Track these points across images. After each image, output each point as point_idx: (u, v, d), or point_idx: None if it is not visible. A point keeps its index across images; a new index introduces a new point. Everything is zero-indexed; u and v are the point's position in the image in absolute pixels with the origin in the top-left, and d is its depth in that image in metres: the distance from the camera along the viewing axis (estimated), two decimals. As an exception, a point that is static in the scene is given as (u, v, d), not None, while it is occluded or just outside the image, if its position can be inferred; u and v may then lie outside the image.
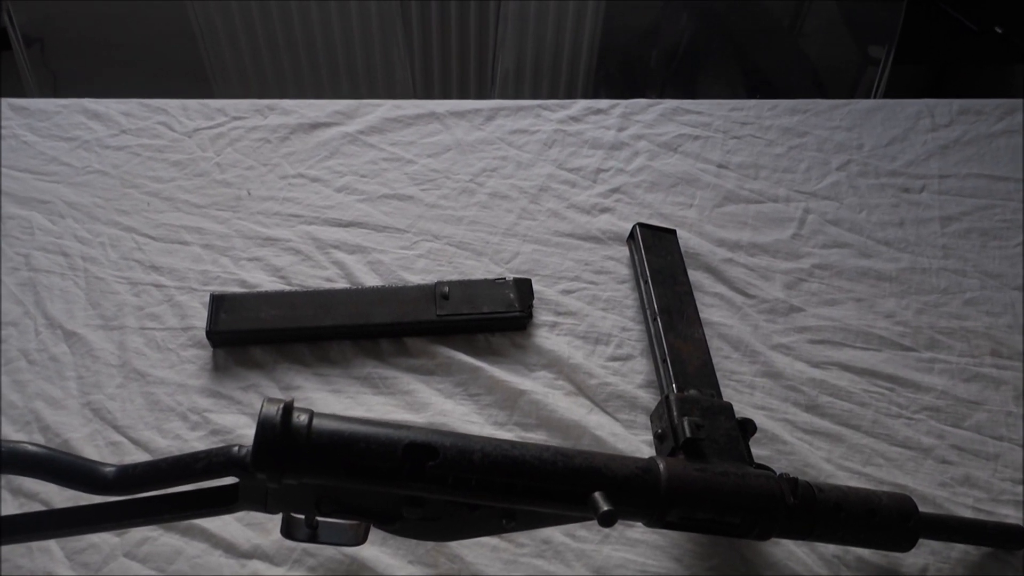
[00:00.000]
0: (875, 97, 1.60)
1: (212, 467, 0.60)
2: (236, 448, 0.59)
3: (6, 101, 1.14)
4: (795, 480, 0.65)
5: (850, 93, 1.83)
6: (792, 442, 0.80)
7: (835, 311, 0.93)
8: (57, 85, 1.94)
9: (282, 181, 1.05)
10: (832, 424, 0.82)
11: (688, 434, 0.69)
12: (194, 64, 1.93)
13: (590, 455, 0.61)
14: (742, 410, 0.79)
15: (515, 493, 0.59)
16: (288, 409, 0.56)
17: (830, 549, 0.72)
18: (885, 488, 0.75)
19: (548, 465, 0.59)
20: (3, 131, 1.10)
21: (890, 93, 1.60)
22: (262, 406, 0.56)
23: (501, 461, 0.58)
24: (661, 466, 0.63)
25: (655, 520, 0.62)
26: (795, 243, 1.01)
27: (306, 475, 0.56)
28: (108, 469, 0.62)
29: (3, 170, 1.04)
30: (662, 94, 1.89)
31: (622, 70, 2.04)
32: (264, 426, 0.55)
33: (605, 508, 0.56)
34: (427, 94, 2.06)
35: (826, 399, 0.84)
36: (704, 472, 0.64)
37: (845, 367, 0.87)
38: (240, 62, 1.91)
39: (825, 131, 1.16)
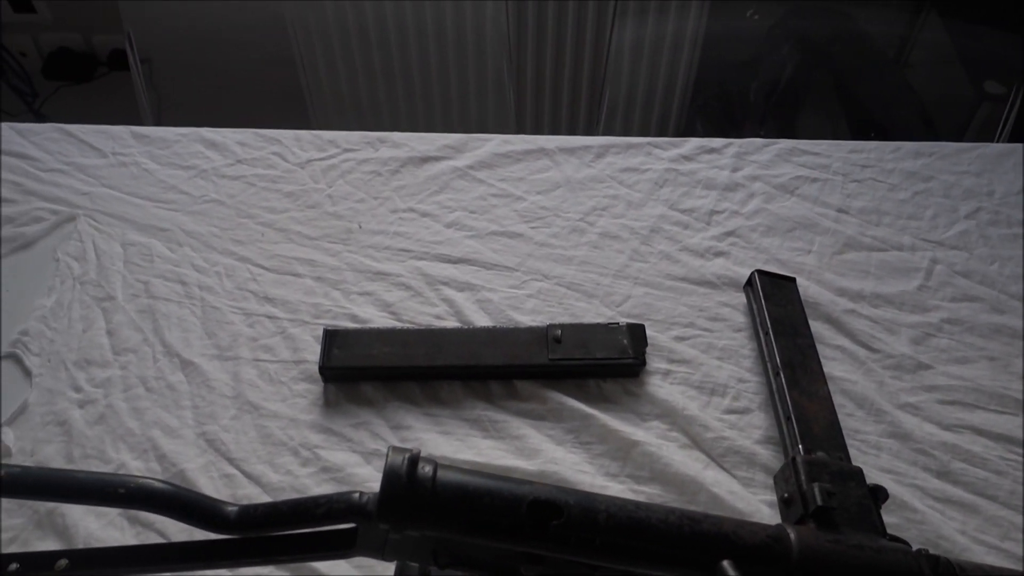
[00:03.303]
0: (1000, 138, 1.53)
1: (333, 513, 0.59)
2: (357, 495, 0.58)
3: (129, 129, 1.17)
4: (936, 558, 0.60)
5: (961, 131, 1.76)
6: (923, 510, 0.76)
7: (967, 370, 0.88)
8: (161, 107, 2.01)
9: (392, 215, 1.05)
10: (966, 493, 0.78)
11: (820, 502, 0.66)
12: (293, 91, 1.97)
13: (718, 520, 0.58)
14: (868, 473, 0.74)
15: (640, 557, 0.56)
16: (414, 460, 0.55)
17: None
18: (1030, 568, 0.71)
19: (675, 529, 0.57)
20: (125, 158, 1.13)
21: (1017, 135, 1.53)
22: (388, 455, 0.55)
23: (626, 523, 0.56)
24: (792, 535, 0.59)
25: None
26: (922, 295, 0.96)
27: (429, 527, 0.55)
28: (231, 509, 0.62)
29: (126, 197, 1.07)
30: (761, 127, 1.85)
31: (720, 103, 2.00)
32: (390, 477, 0.54)
33: None
34: (525, 125, 2.06)
35: (959, 465, 0.80)
36: (837, 544, 0.60)
37: (979, 431, 0.83)
38: (337, 90, 1.95)
39: (952, 176, 1.10)
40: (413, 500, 0.53)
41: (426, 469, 0.55)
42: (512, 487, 0.56)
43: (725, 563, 0.55)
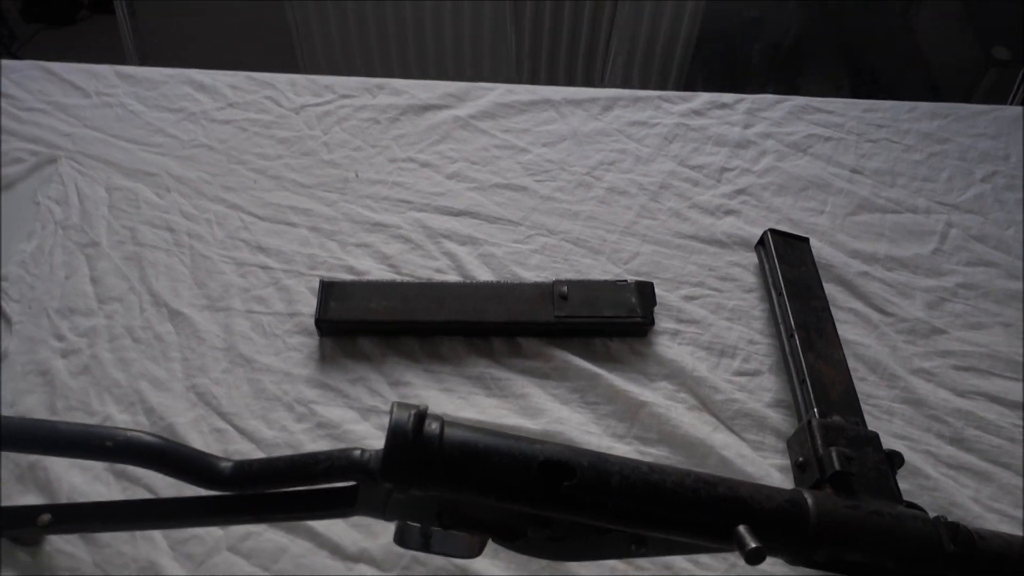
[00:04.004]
0: (1013, 102, 1.50)
1: (333, 471, 0.57)
2: (359, 452, 0.56)
3: (114, 68, 1.12)
4: (955, 526, 0.59)
5: (967, 97, 1.73)
6: (936, 477, 0.74)
7: (981, 336, 0.87)
8: (146, 48, 1.94)
9: (391, 164, 1.01)
10: (980, 460, 0.76)
11: (837, 466, 0.64)
12: (282, 38, 1.91)
13: (734, 484, 0.57)
14: (880, 438, 0.72)
15: (653, 521, 0.55)
16: (421, 416, 0.52)
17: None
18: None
19: (690, 493, 0.55)
20: (110, 99, 1.08)
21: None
22: (392, 410, 0.53)
23: (640, 486, 0.54)
24: (809, 500, 0.58)
25: (801, 558, 0.57)
26: (937, 259, 0.94)
27: (435, 487, 0.52)
28: (224, 464, 0.59)
29: (110, 139, 1.03)
30: (764, 89, 1.81)
31: (722, 61, 1.96)
32: (396, 433, 0.51)
33: (753, 545, 0.52)
34: (524, 73, 2.00)
35: (973, 432, 0.78)
36: (856, 510, 0.59)
37: (993, 398, 0.81)
38: (327, 36, 1.88)
39: (968, 139, 1.08)
40: (419, 458, 0.51)
41: (433, 426, 0.52)
42: (523, 446, 0.54)
43: (741, 528, 0.53)
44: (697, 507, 0.54)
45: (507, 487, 0.52)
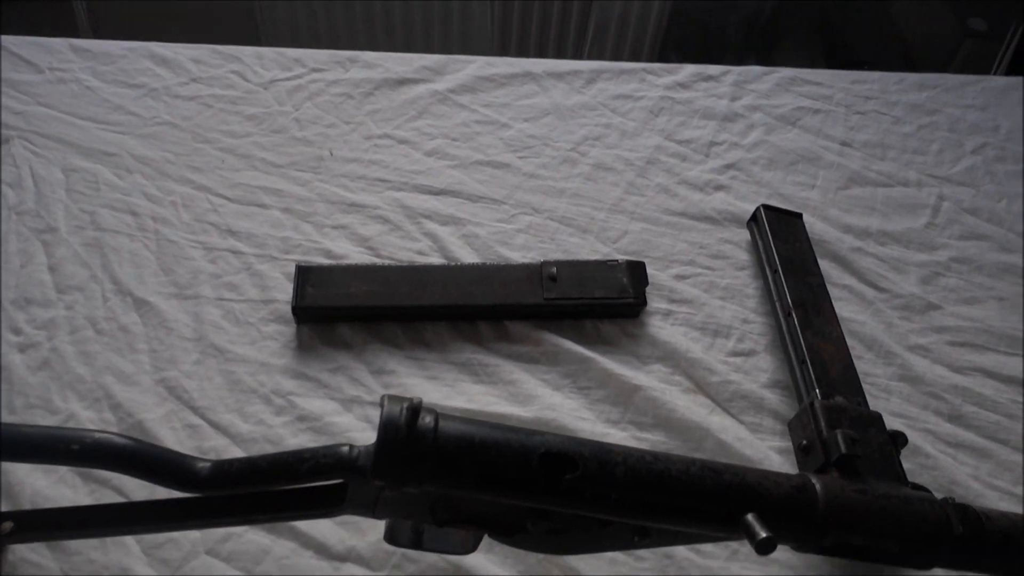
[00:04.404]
0: (995, 73, 1.49)
1: (320, 469, 0.53)
2: (347, 448, 0.53)
3: (68, 41, 1.06)
4: (964, 507, 0.58)
5: (943, 69, 1.71)
6: (935, 455, 0.73)
7: (976, 311, 0.86)
8: (98, 21, 1.85)
9: (367, 142, 0.97)
10: (978, 437, 0.75)
11: (843, 449, 0.62)
12: (241, 9, 1.84)
13: (740, 471, 0.55)
14: None
15: (659, 512, 0.53)
16: (415, 410, 0.49)
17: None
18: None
19: (696, 482, 0.53)
20: (64, 74, 1.02)
21: (1014, 70, 1.49)
22: (383, 404, 0.49)
23: (645, 476, 0.52)
24: (817, 485, 0.56)
25: (809, 545, 0.56)
26: (930, 233, 0.93)
27: (431, 483, 0.50)
28: (202, 465, 0.55)
29: (66, 117, 0.97)
30: (739, 63, 1.79)
31: (696, 35, 1.93)
32: (388, 429, 0.48)
33: (763, 535, 0.50)
34: (492, 43, 1.95)
35: (971, 409, 0.77)
36: (864, 494, 0.57)
37: (989, 373, 0.80)
38: (291, 8, 1.81)
39: (957, 109, 1.06)
40: (414, 454, 0.48)
41: (427, 420, 0.49)
42: (522, 438, 0.51)
43: (749, 516, 0.51)
44: (703, 496, 0.52)
45: (507, 482, 0.50)
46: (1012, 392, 0.79)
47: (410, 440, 0.48)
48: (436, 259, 0.86)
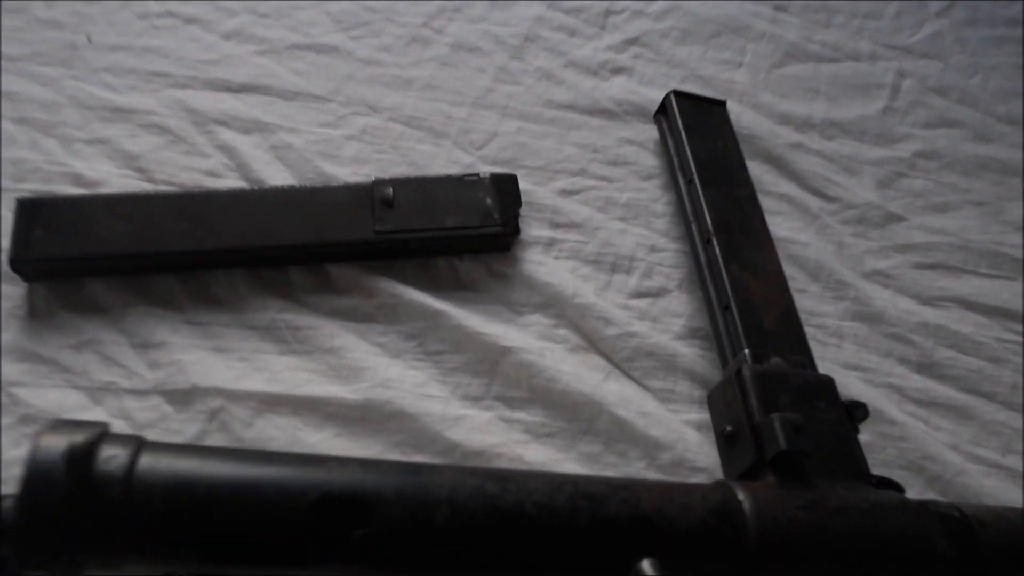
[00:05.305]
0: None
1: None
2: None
3: None
4: (949, 516, 0.46)
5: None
6: (902, 421, 0.62)
7: (949, 220, 0.76)
8: None
9: (141, 22, 0.80)
10: (956, 391, 0.65)
11: (784, 445, 0.47)
12: None
13: (633, 493, 0.42)
14: (826, 370, 0.59)
15: (507, 568, 0.40)
16: (90, 447, 0.35)
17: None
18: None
19: (564, 519, 0.40)
20: None
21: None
22: (36, 440, 0.35)
23: (482, 519, 0.39)
24: (745, 504, 0.43)
25: None
26: (888, 120, 0.82)
27: (123, 565, 0.36)
28: None
29: None
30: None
31: None
32: (34, 484, 0.34)
33: None
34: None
35: (946, 353, 0.67)
36: (812, 511, 0.44)
37: (968, 304, 0.71)
38: None
39: (917, -39, 0.97)
40: (87, 519, 0.35)
41: (115, 459, 0.36)
42: (283, 473, 0.39)
43: (644, 564, 0.40)
44: (576, 539, 0.40)
45: (257, 547, 0.37)
46: (997, 328, 0.71)
47: (78, 497, 0.34)
48: (233, 182, 0.70)
